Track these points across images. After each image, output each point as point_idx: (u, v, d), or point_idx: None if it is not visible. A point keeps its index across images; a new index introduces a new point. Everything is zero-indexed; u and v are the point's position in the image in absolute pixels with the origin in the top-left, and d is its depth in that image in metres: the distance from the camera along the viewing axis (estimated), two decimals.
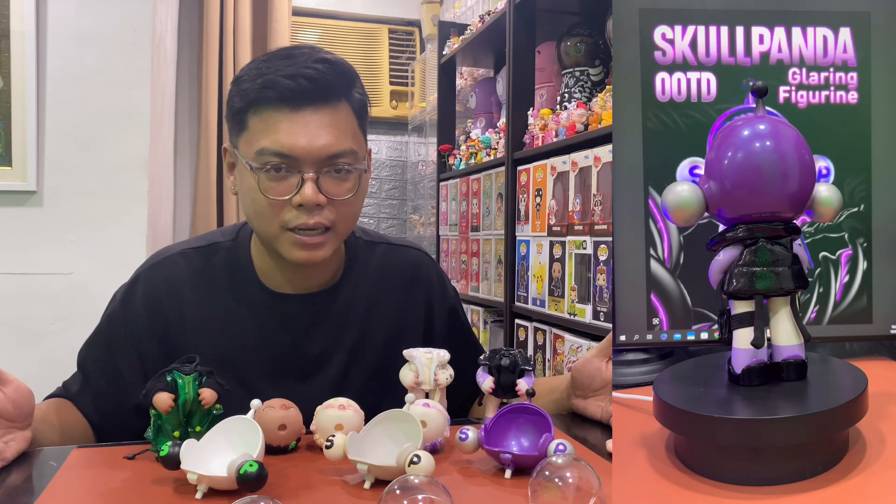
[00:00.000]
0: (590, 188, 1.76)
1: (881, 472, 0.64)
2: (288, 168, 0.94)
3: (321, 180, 0.95)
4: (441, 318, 1.15)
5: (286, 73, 0.93)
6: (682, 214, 0.69)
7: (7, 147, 2.76)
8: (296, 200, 0.94)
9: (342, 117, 0.97)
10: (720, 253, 0.69)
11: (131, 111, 2.88)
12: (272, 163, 0.93)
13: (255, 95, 0.94)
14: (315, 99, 0.94)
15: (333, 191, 0.96)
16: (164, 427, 0.81)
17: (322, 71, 0.95)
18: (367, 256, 1.12)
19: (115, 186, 2.88)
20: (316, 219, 0.95)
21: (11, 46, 2.73)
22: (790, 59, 0.90)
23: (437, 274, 1.18)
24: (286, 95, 0.93)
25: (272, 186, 0.94)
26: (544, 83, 2.24)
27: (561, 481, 0.66)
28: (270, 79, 0.94)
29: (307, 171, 0.93)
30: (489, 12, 2.49)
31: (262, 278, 1.05)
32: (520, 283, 2.17)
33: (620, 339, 0.92)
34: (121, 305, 1.04)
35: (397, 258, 1.14)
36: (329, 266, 1.07)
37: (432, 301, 1.15)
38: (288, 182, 0.94)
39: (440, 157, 2.93)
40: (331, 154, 0.95)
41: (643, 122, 0.89)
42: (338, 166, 0.96)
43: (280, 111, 0.94)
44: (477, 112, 2.87)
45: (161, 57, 2.89)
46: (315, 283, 1.07)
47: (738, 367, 0.69)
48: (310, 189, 0.93)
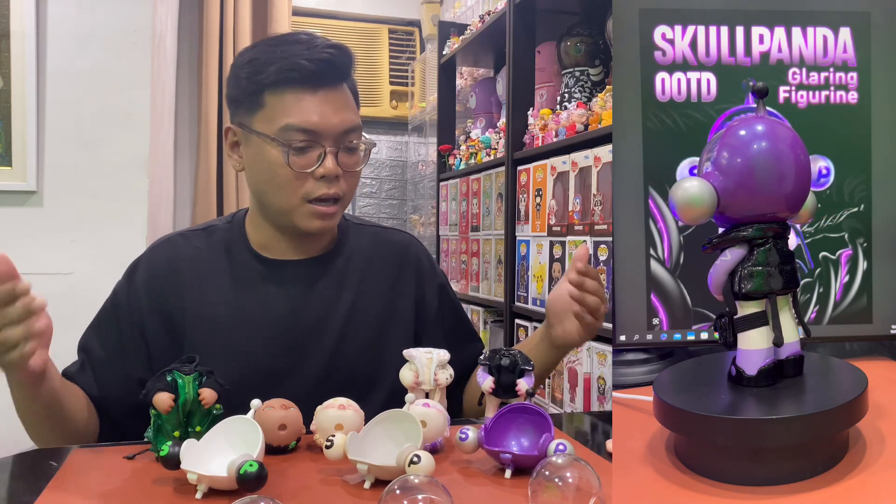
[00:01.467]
0: (590, 188, 1.76)
1: (881, 472, 0.64)
2: (310, 143, 1.02)
3: (339, 154, 1.04)
4: (431, 294, 1.19)
5: (307, 57, 1.02)
6: (692, 213, 0.66)
7: (7, 147, 2.76)
8: (319, 172, 1.02)
9: (349, 97, 1.07)
10: (727, 254, 0.68)
11: (131, 111, 2.88)
12: (298, 139, 1.01)
13: (277, 77, 1.02)
14: (330, 80, 1.04)
15: (348, 162, 1.06)
16: (164, 427, 0.81)
17: (336, 55, 1.05)
18: (358, 236, 1.18)
19: (115, 186, 2.88)
20: (334, 189, 1.04)
21: (11, 46, 2.73)
22: (790, 59, 0.90)
23: (426, 254, 1.24)
24: (306, 76, 1.02)
25: (297, 160, 1.02)
26: (544, 83, 2.24)
27: (561, 481, 0.66)
28: (293, 62, 1.02)
29: (329, 145, 1.03)
30: (489, 12, 2.49)
31: (258, 248, 1.11)
32: (520, 283, 2.17)
33: (620, 339, 0.92)
34: (124, 286, 1.09)
35: (387, 238, 1.21)
36: (326, 235, 1.13)
37: (423, 279, 1.19)
38: (309, 156, 1.02)
39: (440, 157, 2.93)
40: (346, 129, 1.04)
41: (643, 122, 0.89)
42: (351, 140, 1.05)
43: (302, 91, 1.02)
44: (477, 112, 2.87)
45: (161, 57, 2.89)
46: (312, 251, 1.12)
47: (751, 368, 0.68)
48: (331, 161, 1.03)
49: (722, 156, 0.67)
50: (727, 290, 0.68)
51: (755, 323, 0.67)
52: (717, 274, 0.68)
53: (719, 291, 0.69)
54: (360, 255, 1.15)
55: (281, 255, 1.10)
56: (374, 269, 1.15)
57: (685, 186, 0.66)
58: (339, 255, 1.14)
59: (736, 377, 0.69)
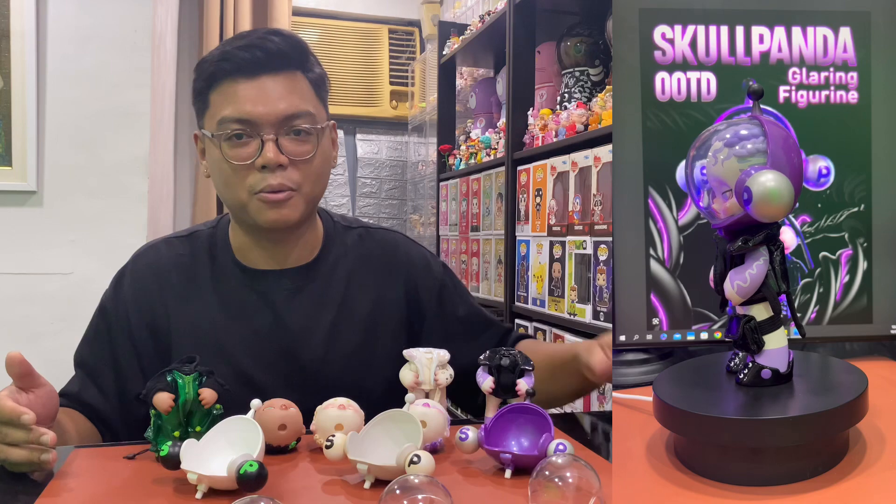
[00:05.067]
0: (590, 188, 1.76)
1: (881, 472, 0.64)
2: (249, 133, 0.98)
3: (280, 142, 0.99)
4: (428, 294, 1.15)
5: (240, 45, 1.00)
6: (771, 209, 0.63)
7: (7, 147, 2.76)
8: (258, 162, 0.98)
9: (298, 84, 1.02)
10: (759, 256, 0.67)
11: (131, 111, 2.88)
12: (233, 129, 0.98)
13: (214, 69, 1.00)
14: (270, 67, 1.00)
15: (294, 150, 1.00)
16: (164, 427, 0.81)
17: (276, 42, 1.01)
18: (345, 238, 1.15)
19: (115, 186, 2.88)
20: (279, 180, 0.99)
21: (11, 46, 2.73)
22: (790, 58, 0.90)
23: (418, 252, 1.19)
24: (242, 65, 0.99)
25: (235, 153, 0.99)
26: (544, 83, 2.24)
27: (561, 481, 0.66)
28: (226, 51, 1.00)
29: (267, 133, 0.98)
30: (489, 12, 2.49)
31: (240, 257, 1.08)
32: (520, 283, 2.17)
33: (620, 339, 0.92)
34: (110, 296, 1.08)
35: (374, 240, 1.16)
36: (306, 242, 1.10)
37: (415, 280, 1.15)
38: (250, 147, 0.99)
39: (440, 157, 2.93)
40: (287, 115, 0.99)
41: (643, 121, 0.89)
42: (296, 127, 1.00)
43: (237, 81, 0.99)
44: (477, 112, 2.87)
45: (161, 57, 2.89)
46: (292, 260, 1.09)
47: (784, 365, 0.68)
48: (271, 149, 0.98)
49: None
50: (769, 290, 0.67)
51: (777, 323, 0.68)
52: (759, 276, 0.66)
53: (749, 294, 0.67)
54: (346, 260, 1.12)
55: (262, 265, 1.08)
56: (360, 273, 1.12)
57: (760, 180, 0.62)
58: (323, 263, 1.11)
59: (772, 378, 0.68)
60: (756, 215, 0.64)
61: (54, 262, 2.79)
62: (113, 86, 2.87)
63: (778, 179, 0.62)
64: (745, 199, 0.63)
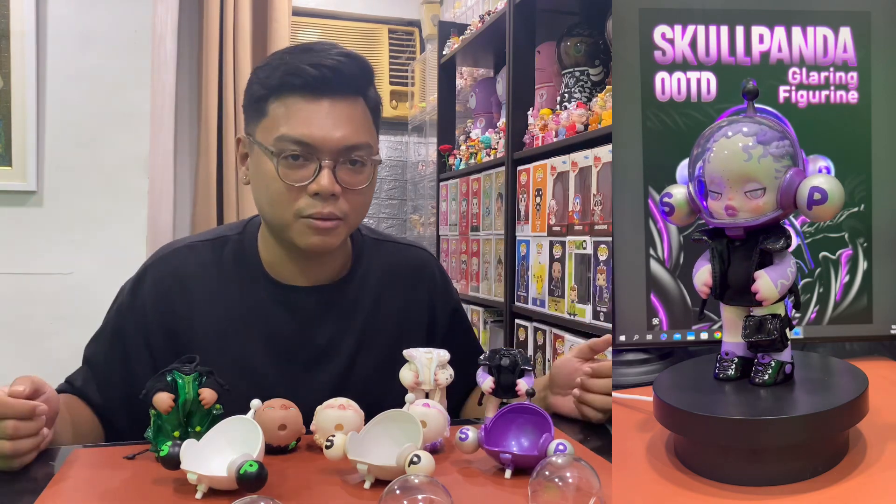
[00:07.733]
0: (590, 188, 1.75)
1: (881, 472, 0.64)
2: (306, 156, 0.96)
3: (337, 170, 0.97)
4: (443, 317, 1.16)
5: (310, 62, 0.96)
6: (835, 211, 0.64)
7: (7, 147, 2.76)
8: (312, 188, 0.96)
9: (359, 111, 1.00)
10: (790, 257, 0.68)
11: (131, 111, 2.88)
12: (291, 150, 0.95)
13: (278, 82, 0.97)
14: (335, 90, 0.97)
15: (349, 180, 0.98)
16: (164, 427, 0.81)
17: (344, 63, 0.98)
18: (374, 253, 1.13)
19: (115, 186, 2.88)
20: (329, 208, 0.97)
21: (11, 46, 2.73)
22: (790, 58, 0.90)
23: (441, 274, 1.20)
24: (308, 83, 0.96)
25: (289, 173, 0.96)
26: (544, 83, 2.24)
27: (561, 481, 0.66)
28: (294, 66, 0.96)
29: (324, 160, 0.96)
30: (489, 12, 2.49)
31: (269, 270, 1.06)
32: (520, 283, 2.17)
33: (620, 339, 0.92)
34: (129, 297, 1.05)
35: (403, 257, 1.16)
36: (336, 259, 1.08)
37: (435, 300, 1.16)
38: (305, 170, 0.96)
39: (440, 157, 2.93)
40: (348, 145, 0.97)
41: (643, 122, 0.89)
42: (354, 158, 0.98)
43: (301, 99, 0.96)
44: (477, 112, 2.87)
45: (161, 57, 2.89)
46: (322, 276, 1.07)
47: None
48: (326, 177, 0.95)
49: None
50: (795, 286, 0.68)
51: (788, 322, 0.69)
52: (795, 273, 0.67)
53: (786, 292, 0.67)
54: (374, 276, 1.11)
55: (291, 280, 1.05)
56: (388, 291, 1.11)
57: (834, 183, 0.63)
58: (352, 282, 1.09)
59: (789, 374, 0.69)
60: (816, 216, 0.64)
61: (54, 262, 2.79)
62: (113, 86, 2.86)
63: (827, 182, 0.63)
64: (817, 200, 0.63)
